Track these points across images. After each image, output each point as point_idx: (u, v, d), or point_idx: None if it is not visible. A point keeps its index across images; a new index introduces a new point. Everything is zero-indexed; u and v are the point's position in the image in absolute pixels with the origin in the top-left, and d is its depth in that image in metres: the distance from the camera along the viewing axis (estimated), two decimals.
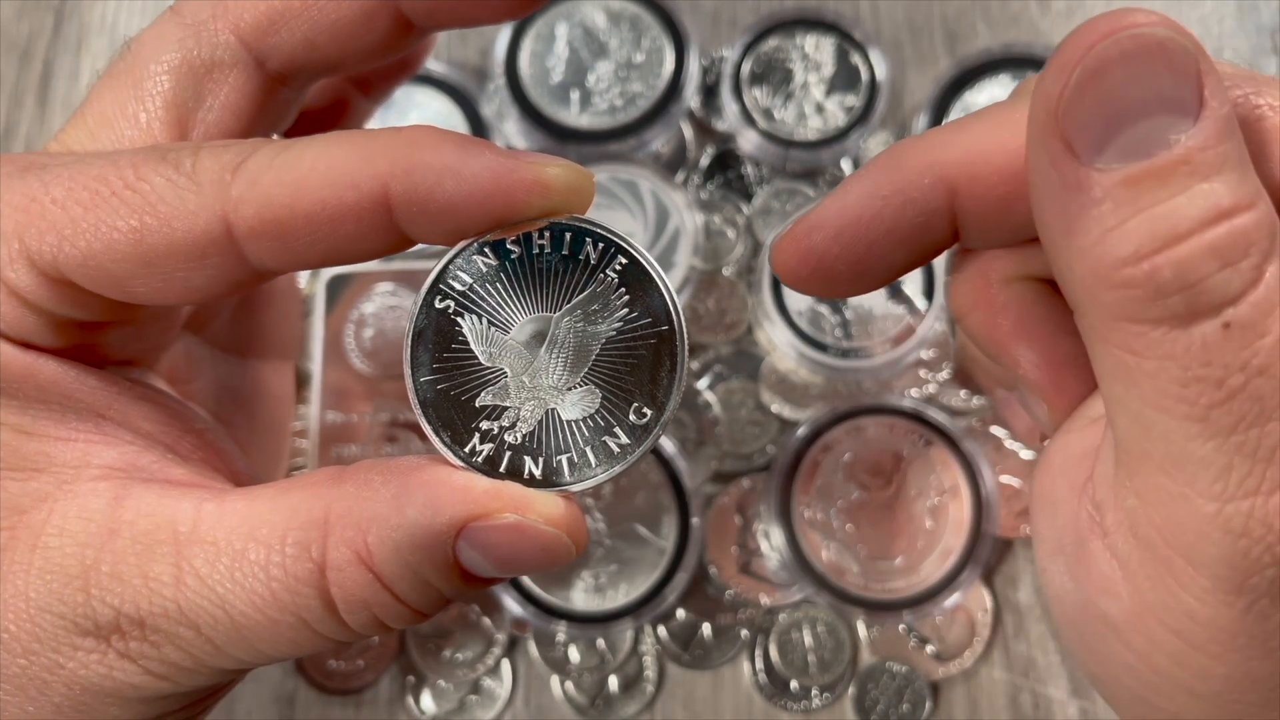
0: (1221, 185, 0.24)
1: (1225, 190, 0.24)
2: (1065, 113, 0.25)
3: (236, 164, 0.29)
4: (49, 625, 0.30)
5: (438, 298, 0.30)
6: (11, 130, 0.63)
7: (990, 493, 0.54)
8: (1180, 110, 0.25)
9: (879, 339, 0.56)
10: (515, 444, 0.30)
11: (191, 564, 0.29)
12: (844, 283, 0.32)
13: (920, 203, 0.31)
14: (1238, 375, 0.25)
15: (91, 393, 0.32)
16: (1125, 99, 0.25)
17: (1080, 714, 0.53)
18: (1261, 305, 0.24)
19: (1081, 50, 0.25)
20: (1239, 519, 0.25)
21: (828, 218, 0.31)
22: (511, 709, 0.54)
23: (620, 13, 0.62)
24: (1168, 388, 0.25)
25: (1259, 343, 0.24)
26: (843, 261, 0.31)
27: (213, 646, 0.30)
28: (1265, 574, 0.26)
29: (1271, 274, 0.25)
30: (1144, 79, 0.25)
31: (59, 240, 0.29)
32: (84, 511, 0.30)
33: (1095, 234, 0.25)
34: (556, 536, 0.29)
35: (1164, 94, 0.25)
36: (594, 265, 0.30)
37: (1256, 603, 0.26)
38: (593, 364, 0.30)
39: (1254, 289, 0.24)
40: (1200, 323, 0.25)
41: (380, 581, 0.29)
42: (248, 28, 0.34)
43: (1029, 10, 0.65)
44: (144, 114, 0.33)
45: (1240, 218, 0.24)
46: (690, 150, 0.62)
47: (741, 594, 0.55)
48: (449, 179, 0.28)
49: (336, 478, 0.30)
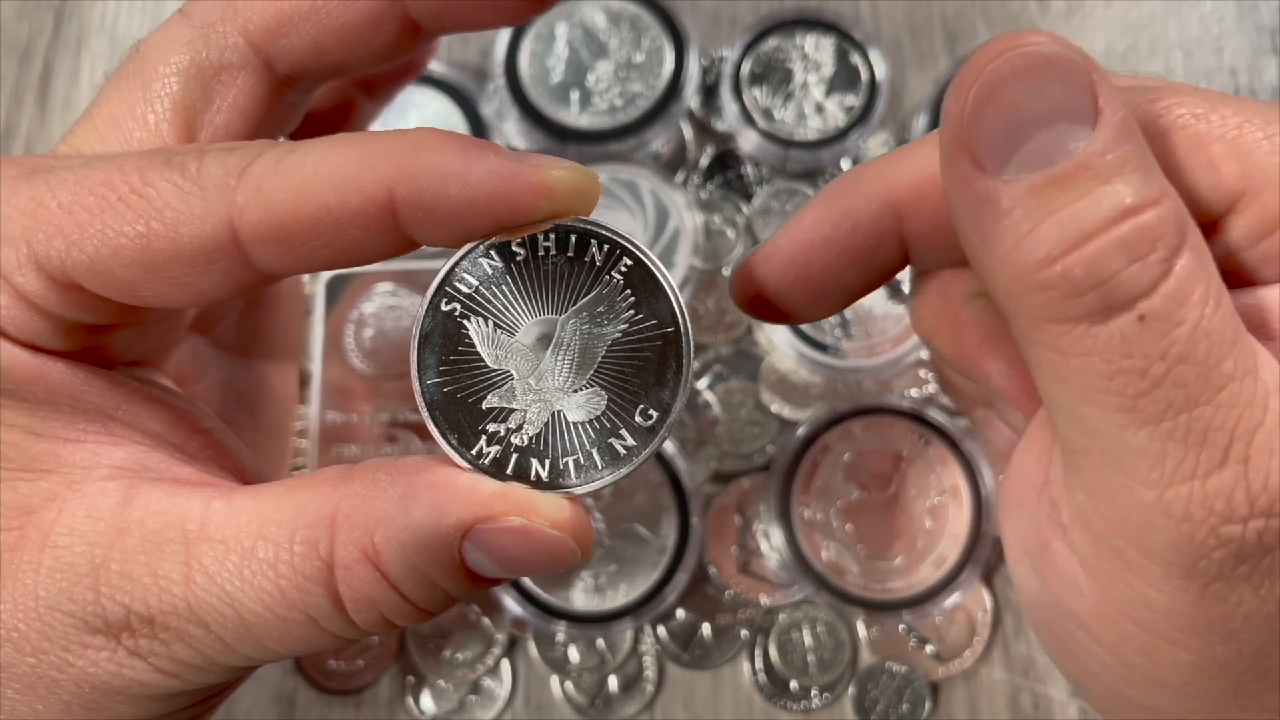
0: (1124, 185, 0.25)
1: (1128, 189, 0.25)
2: (968, 130, 0.26)
3: (241, 168, 0.29)
4: (58, 624, 0.30)
5: (444, 300, 0.30)
6: (11, 130, 0.63)
7: (990, 493, 0.54)
8: (1077, 119, 0.26)
9: (879, 339, 0.57)
10: (521, 446, 0.30)
11: (201, 562, 0.29)
12: (800, 307, 0.34)
13: (868, 227, 0.32)
14: (1159, 364, 0.25)
15: (100, 394, 0.32)
16: (1022, 112, 0.26)
17: (1080, 714, 0.53)
18: (1174, 296, 0.25)
19: (977, 71, 0.26)
20: (1179, 504, 0.26)
21: (782, 246, 0.33)
22: (511, 709, 0.54)
23: (620, 13, 0.62)
24: (1095, 382, 0.26)
25: (1175, 331, 0.25)
26: (798, 287, 0.33)
27: (222, 644, 0.30)
28: (1212, 556, 0.26)
29: (1181, 266, 0.25)
30: (1038, 92, 0.26)
31: (66, 245, 0.29)
32: (93, 511, 0.30)
33: (1009, 242, 0.26)
34: (562, 540, 0.29)
35: (1059, 105, 0.26)
36: (599, 267, 0.30)
37: (1209, 586, 0.27)
38: (598, 366, 0.30)
39: (1165, 280, 0.25)
40: (1117, 317, 0.25)
41: (387, 580, 0.29)
42: (256, 30, 0.34)
43: (1029, 10, 0.65)
44: (152, 115, 0.34)
45: (1145, 214, 0.25)
46: (690, 150, 0.62)
47: (741, 594, 0.55)
48: (454, 183, 0.28)
49: (344, 476, 0.30)
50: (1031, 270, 0.26)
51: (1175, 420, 0.26)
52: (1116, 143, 0.26)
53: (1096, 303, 0.25)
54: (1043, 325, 0.27)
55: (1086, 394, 0.26)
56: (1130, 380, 0.26)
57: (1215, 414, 0.26)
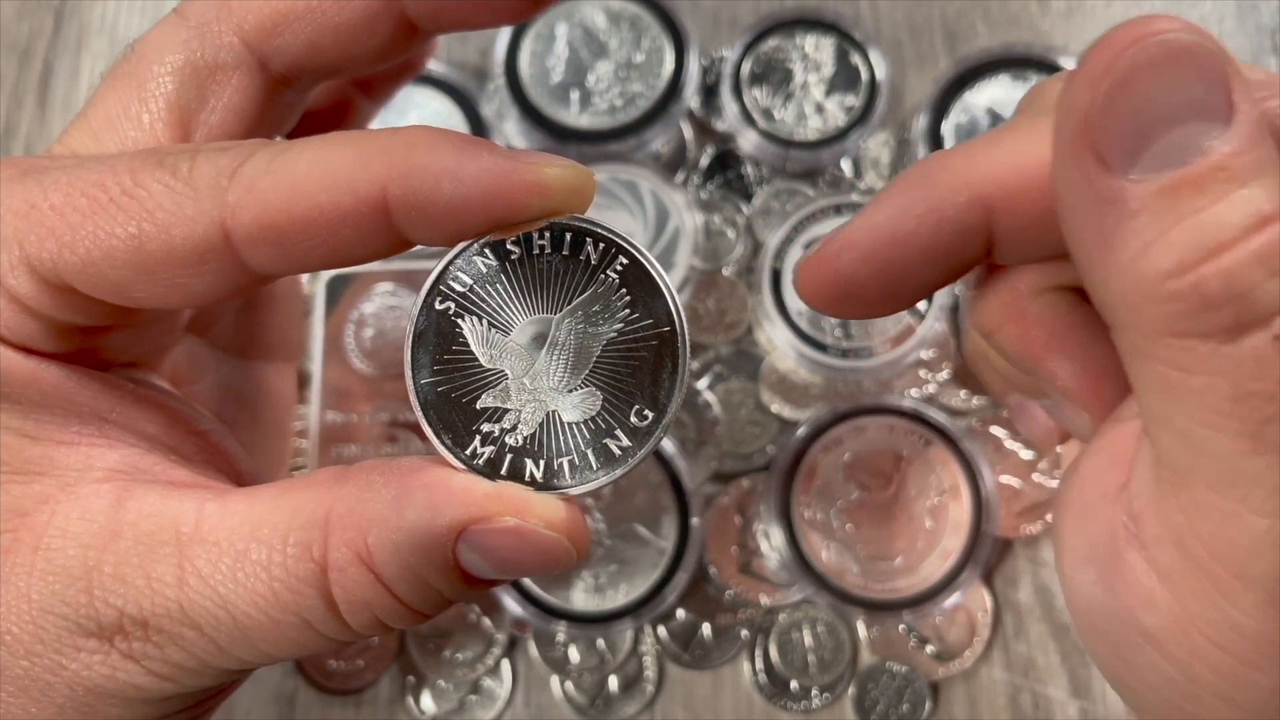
0: (1261, 190, 0.24)
1: (1264, 195, 0.24)
2: (1096, 124, 0.24)
3: (233, 169, 0.29)
4: (52, 626, 0.30)
5: (438, 299, 0.30)
6: (11, 130, 0.63)
7: (990, 493, 0.54)
8: (1212, 116, 0.24)
9: (879, 339, 0.57)
10: (516, 446, 0.30)
11: (194, 564, 0.29)
12: (873, 304, 0.32)
13: (956, 221, 0.30)
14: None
15: (94, 396, 0.32)
16: (1156, 107, 0.24)
17: (1080, 714, 0.53)
18: None
19: (1108, 59, 0.24)
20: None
21: (858, 238, 0.31)
22: (511, 709, 0.54)
23: (620, 13, 0.62)
24: (1218, 404, 0.24)
25: None
26: (873, 282, 0.31)
27: (216, 647, 0.30)
28: None
29: None
30: (1174, 86, 0.24)
31: (58, 247, 0.29)
32: (86, 513, 0.30)
33: (1134, 247, 0.24)
34: (557, 540, 0.29)
35: (1195, 100, 0.24)
36: (595, 266, 0.30)
37: None
38: (594, 366, 0.30)
39: None
40: (1251, 335, 0.24)
41: (381, 582, 0.29)
42: (251, 30, 0.34)
43: (1029, 10, 0.65)
44: (147, 115, 0.33)
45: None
46: (690, 150, 0.62)
47: (741, 594, 0.55)
48: (447, 181, 0.28)
49: (338, 478, 0.30)
50: (1158, 280, 0.24)
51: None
52: (1252, 143, 0.24)
53: (1230, 318, 0.24)
54: (1162, 339, 0.25)
55: (1204, 416, 0.25)
56: (1258, 405, 0.24)
57: None
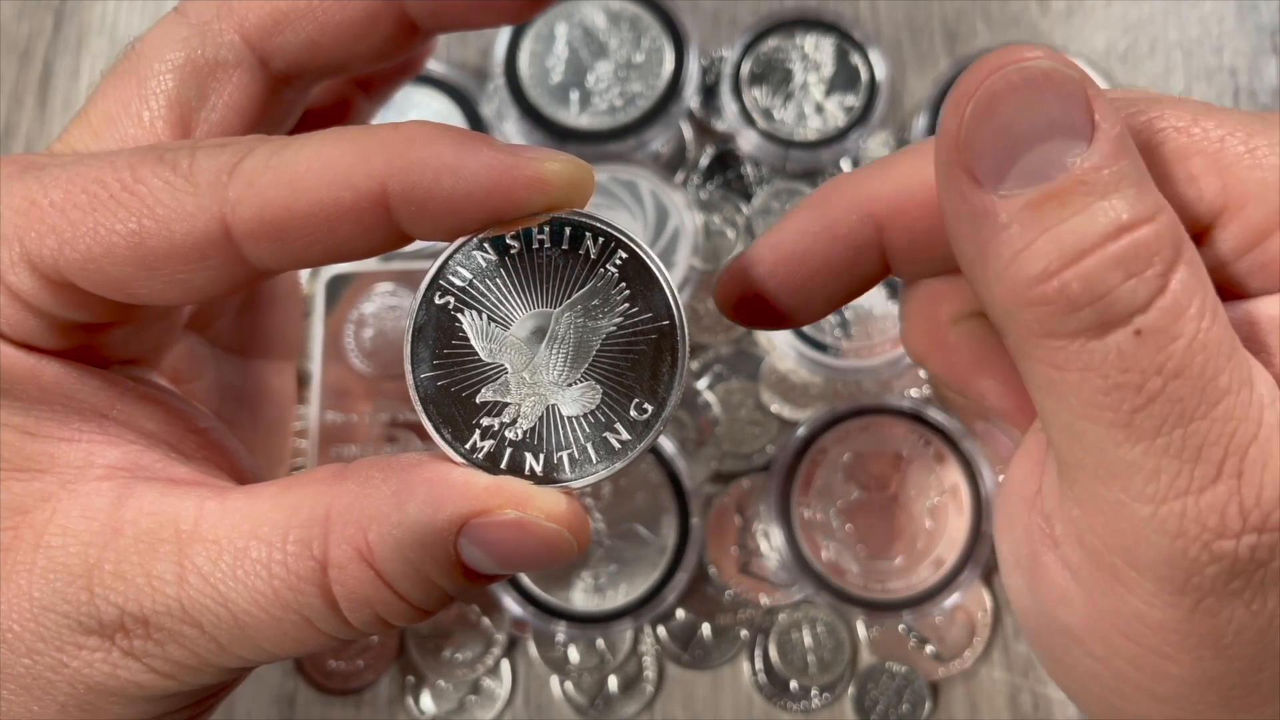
0: (1120, 201, 0.25)
1: (1124, 205, 0.25)
2: (965, 145, 0.26)
3: (233, 164, 0.29)
4: (53, 625, 0.30)
5: (437, 294, 0.30)
6: (11, 130, 0.63)
7: (990, 493, 0.54)
8: (1074, 134, 0.26)
9: (879, 339, 0.57)
10: (516, 440, 0.30)
11: (194, 562, 0.29)
12: (782, 315, 0.34)
13: (848, 238, 0.33)
14: (1155, 379, 0.25)
15: (94, 393, 0.32)
16: (1019, 127, 0.26)
17: (1080, 715, 0.53)
18: (1170, 310, 0.25)
19: (973, 87, 0.26)
20: (1173, 520, 0.26)
21: (763, 255, 0.33)
22: (511, 709, 0.54)
23: (620, 13, 0.62)
24: (1091, 397, 0.26)
25: (1171, 346, 0.25)
26: (779, 295, 0.33)
27: (216, 645, 0.30)
28: (1206, 572, 0.26)
29: (1177, 281, 0.25)
30: (1034, 108, 0.26)
31: (59, 244, 0.29)
32: (87, 511, 0.30)
33: (1006, 256, 0.26)
34: (558, 533, 0.29)
35: (1055, 120, 0.26)
36: (594, 260, 0.30)
37: (1201, 601, 0.26)
38: (593, 360, 0.30)
39: (1161, 296, 0.25)
40: (1113, 332, 0.25)
41: (382, 579, 0.29)
42: (252, 28, 0.34)
43: (1029, 10, 0.65)
44: (147, 113, 0.33)
45: (1141, 230, 0.25)
46: (690, 150, 0.62)
47: (741, 594, 0.55)
48: (446, 176, 0.28)
49: (338, 475, 0.30)
50: (1028, 285, 0.26)
51: (1170, 435, 0.26)
52: (1112, 158, 0.26)
53: (1093, 318, 0.26)
54: (1038, 340, 0.27)
55: (1082, 409, 0.26)
56: (1126, 395, 0.26)
57: (1210, 428, 0.26)
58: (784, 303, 0.33)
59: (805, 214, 0.33)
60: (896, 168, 0.32)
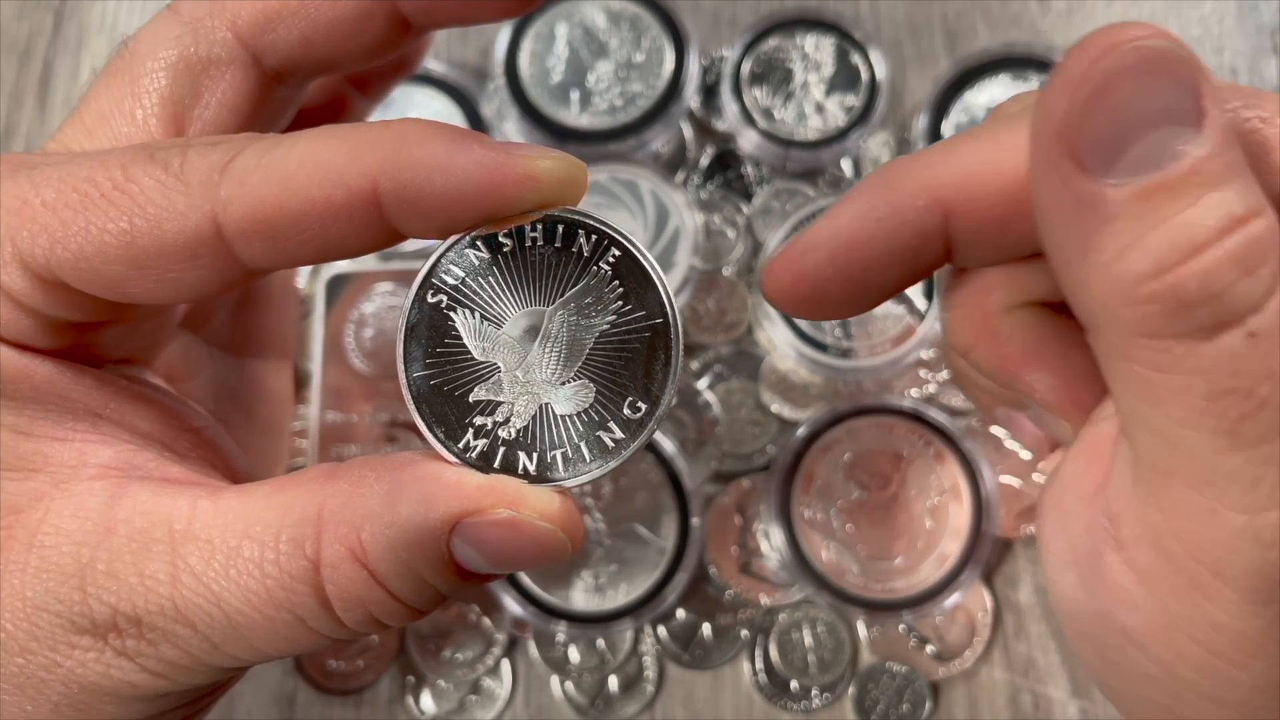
0: (1232, 193, 0.24)
1: (1236, 198, 0.24)
2: (1074, 129, 0.25)
3: (224, 163, 0.29)
4: (46, 624, 0.30)
5: (430, 292, 0.30)
6: (11, 130, 0.63)
7: (990, 493, 0.54)
8: (1184, 121, 0.24)
9: (879, 339, 0.56)
10: (509, 439, 0.30)
11: (186, 561, 0.29)
12: (836, 305, 0.32)
13: (914, 225, 0.30)
14: (1265, 384, 0.24)
15: (88, 392, 0.32)
16: (1133, 112, 0.24)
17: (1080, 714, 0.53)
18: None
19: (1085, 66, 0.25)
20: (1269, 530, 0.25)
21: (820, 241, 0.31)
22: (511, 709, 0.54)
23: (620, 13, 0.62)
24: (1195, 402, 0.25)
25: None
26: (836, 284, 0.31)
27: (210, 644, 0.30)
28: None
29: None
30: (1150, 91, 0.24)
31: (51, 243, 0.29)
32: (80, 510, 0.30)
33: (1112, 250, 0.25)
34: (551, 532, 0.29)
35: (1168, 105, 0.24)
36: (587, 258, 0.30)
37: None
38: (586, 358, 0.30)
39: (1275, 295, 0.24)
40: (1226, 333, 0.24)
41: (375, 578, 0.29)
42: (245, 25, 0.34)
43: (1029, 10, 0.65)
44: (140, 111, 0.33)
45: (1253, 224, 0.24)
46: (690, 150, 0.62)
47: (741, 594, 0.55)
48: (438, 175, 0.28)
49: (330, 474, 0.30)
50: (1136, 282, 0.24)
51: (1275, 444, 0.24)
52: (1223, 147, 0.24)
53: (1207, 318, 0.24)
54: (1139, 340, 0.25)
55: (1182, 414, 0.25)
56: (1234, 402, 0.24)
57: None
58: (838, 292, 0.32)
59: (867, 198, 0.31)
60: (963, 150, 0.30)
